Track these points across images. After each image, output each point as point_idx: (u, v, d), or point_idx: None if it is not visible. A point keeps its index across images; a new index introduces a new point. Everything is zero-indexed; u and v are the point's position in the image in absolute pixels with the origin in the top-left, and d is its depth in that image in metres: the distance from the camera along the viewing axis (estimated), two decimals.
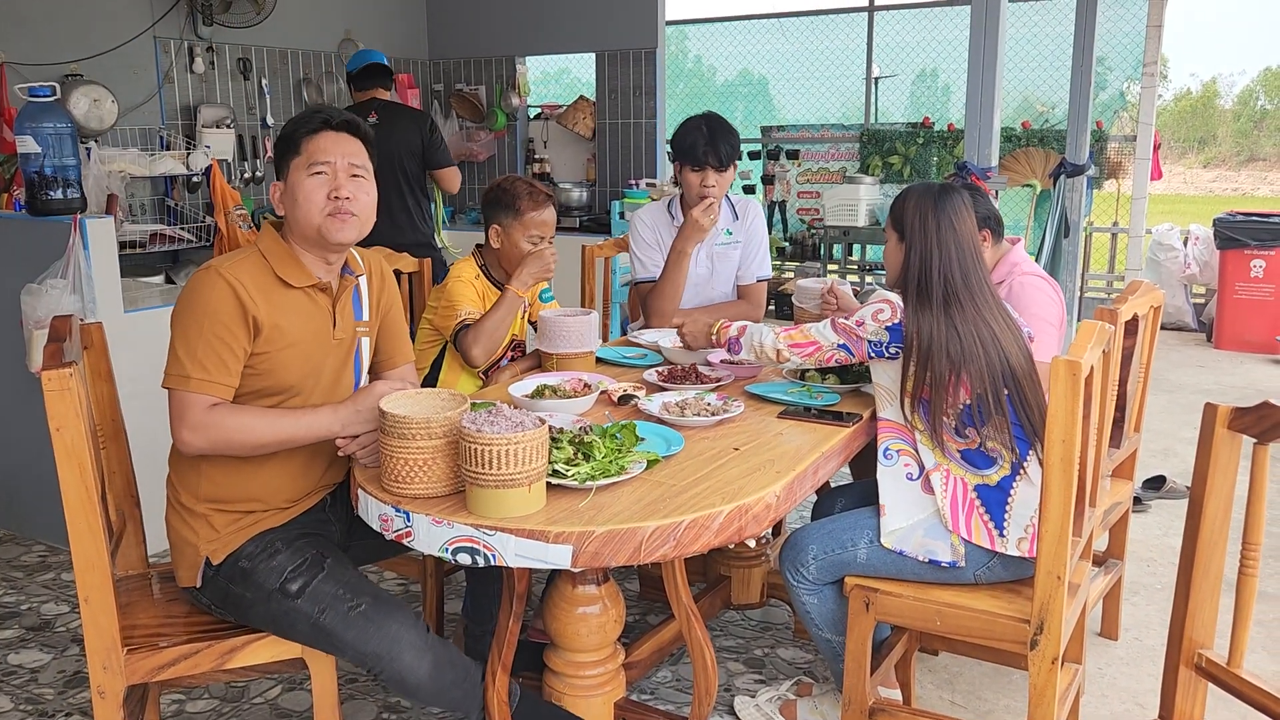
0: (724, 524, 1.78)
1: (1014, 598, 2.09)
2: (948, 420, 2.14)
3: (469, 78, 6.57)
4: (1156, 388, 5.76)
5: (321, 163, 1.96)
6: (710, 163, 3.00)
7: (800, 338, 2.33)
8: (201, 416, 1.84)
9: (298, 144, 1.97)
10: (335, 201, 1.94)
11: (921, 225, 2.24)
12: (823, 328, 2.32)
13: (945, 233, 2.22)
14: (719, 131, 3.02)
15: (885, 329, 2.21)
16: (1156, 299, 2.70)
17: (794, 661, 2.80)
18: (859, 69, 8.64)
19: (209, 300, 1.86)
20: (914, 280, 2.22)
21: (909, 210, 2.28)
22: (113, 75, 4.78)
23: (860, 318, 2.25)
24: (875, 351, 2.23)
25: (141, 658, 1.85)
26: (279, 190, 2.00)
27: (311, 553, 1.93)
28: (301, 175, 1.95)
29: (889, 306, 2.22)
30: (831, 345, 2.29)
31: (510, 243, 2.78)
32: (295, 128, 1.99)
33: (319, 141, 1.97)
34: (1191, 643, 1.72)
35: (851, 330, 2.25)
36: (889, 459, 2.22)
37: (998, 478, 2.12)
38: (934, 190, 2.29)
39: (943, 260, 2.20)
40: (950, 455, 2.14)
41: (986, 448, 2.13)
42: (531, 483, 1.74)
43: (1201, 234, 7.54)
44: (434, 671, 1.86)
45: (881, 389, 2.26)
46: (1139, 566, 3.39)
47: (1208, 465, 1.66)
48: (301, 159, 1.96)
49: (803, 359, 2.34)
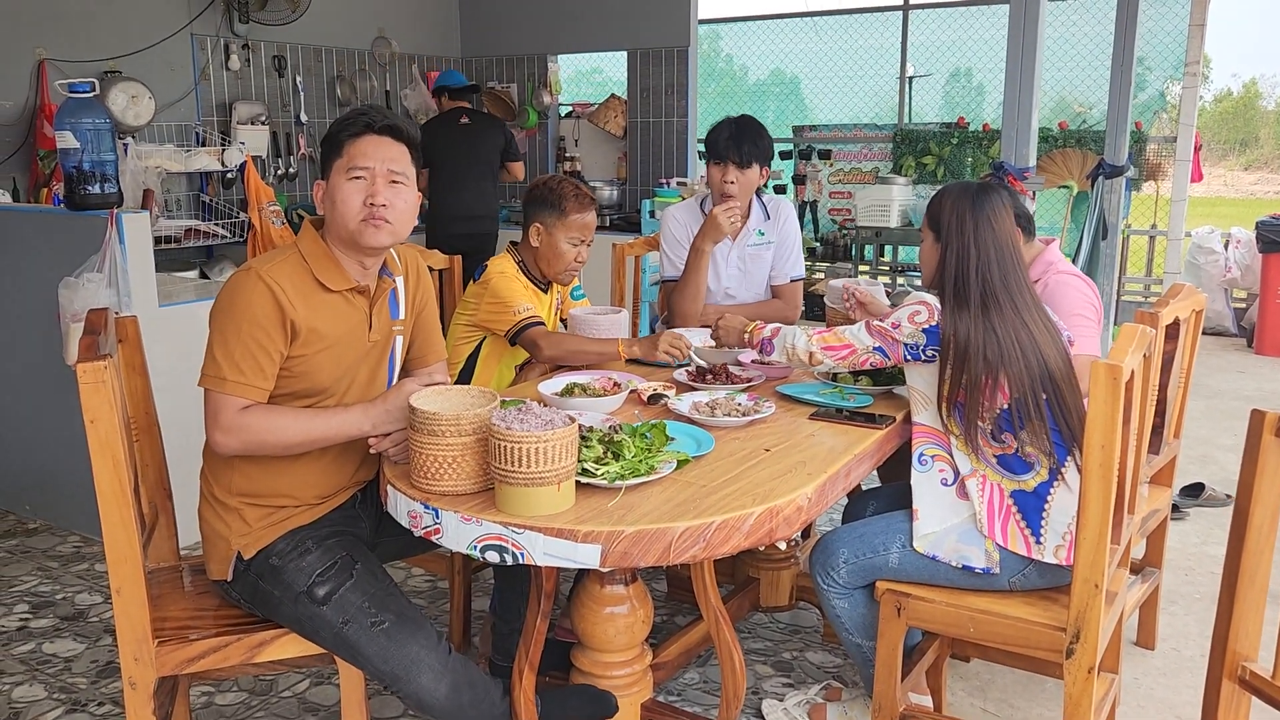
0: (754, 526, 1.76)
1: (1050, 605, 2.05)
2: (984, 425, 2.10)
3: (501, 76, 6.58)
4: (1195, 393, 5.65)
5: (361, 168, 1.93)
6: (731, 158, 3.03)
7: (834, 340, 2.29)
8: (235, 419, 1.84)
9: (340, 145, 1.96)
10: (370, 208, 1.92)
11: (959, 225, 2.20)
12: (857, 330, 2.28)
13: (983, 232, 2.18)
14: (745, 130, 3.05)
15: (922, 331, 2.17)
16: (1198, 302, 2.65)
17: (823, 665, 2.77)
18: (893, 68, 8.56)
19: (248, 302, 1.86)
20: (951, 281, 2.17)
21: (946, 209, 2.24)
22: (150, 72, 4.83)
23: (896, 320, 2.21)
24: (911, 354, 2.19)
25: (172, 650, 1.86)
26: (321, 190, 2.00)
27: (342, 555, 1.93)
28: (340, 178, 1.94)
29: (925, 309, 2.18)
30: (866, 349, 2.25)
31: (550, 242, 2.78)
32: (339, 129, 1.98)
33: (360, 145, 1.95)
34: (1235, 655, 1.68)
35: (886, 333, 2.21)
36: (924, 464, 2.19)
37: (1035, 483, 2.08)
38: (971, 189, 2.25)
39: (980, 260, 2.16)
40: (986, 460, 2.11)
41: (1024, 453, 2.09)
42: (561, 481, 1.73)
43: (1243, 237, 7.40)
44: (451, 693, 1.85)
45: (917, 393, 2.22)
46: (1177, 575, 3.33)
47: (1254, 473, 1.62)
48: (342, 161, 1.95)
49: (836, 362, 2.30)
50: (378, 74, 6.09)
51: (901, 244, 7.63)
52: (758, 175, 3.08)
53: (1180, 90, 6.94)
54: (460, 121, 5.35)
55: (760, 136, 3.04)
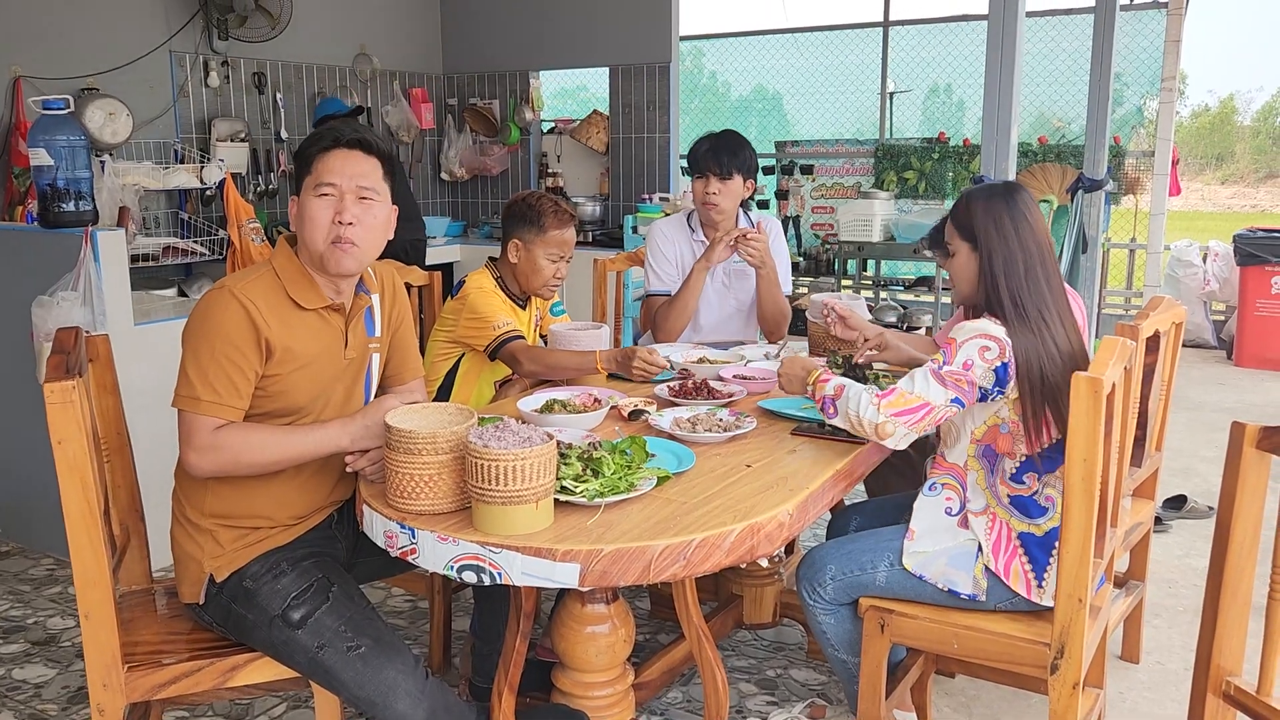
0: (735, 543, 1.74)
1: (1033, 621, 2.04)
2: (1010, 459, 2.05)
3: (482, 92, 6.58)
4: (1176, 406, 5.67)
5: (328, 184, 1.90)
6: (711, 170, 3.05)
7: (903, 403, 2.02)
8: (209, 439, 1.81)
9: (310, 161, 1.93)
10: (337, 227, 1.88)
11: (998, 230, 2.07)
12: (923, 382, 2.02)
13: (1024, 233, 2.07)
14: (724, 142, 3.07)
15: (993, 370, 2.00)
16: (1178, 315, 2.65)
17: (807, 683, 2.74)
18: (874, 84, 8.61)
19: (221, 321, 1.83)
20: (1002, 293, 2.04)
21: (978, 214, 2.10)
22: (128, 89, 4.79)
23: (967, 359, 2.01)
24: (981, 397, 2.03)
25: (142, 675, 1.82)
26: (295, 207, 1.96)
27: (318, 577, 1.90)
28: (310, 195, 1.91)
29: (995, 343, 2.00)
30: (945, 403, 2.01)
31: (530, 258, 2.76)
32: (309, 144, 1.95)
33: (328, 160, 1.91)
34: (1219, 670, 1.67)
35: (961, 378, 2.01)
36: (933, 491, 2.16)
37: (1046, 528, 2.05)
38: (1000, 190, 2.13)
39: (1028, 264, 2.05)
40: (1000, 500, 2.08)
41: (1042, 496, 2.05)
42: (539, 499, 1.71)
43: (1221, 250, 7.46)
44: (429, 719, 1.81)
45: (952, 424, 2.13)
46: (1161, 588, 3.33)
47: (1235, 486, 1.61)
48: (311, 178, 1.92)
49: (911, 429, 2.03)
50: (359, 90, 6.06)
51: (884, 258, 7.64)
52: (741, 186, 3.09)
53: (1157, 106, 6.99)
54: None
55: (740, 148, 3.05)
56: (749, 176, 3.10)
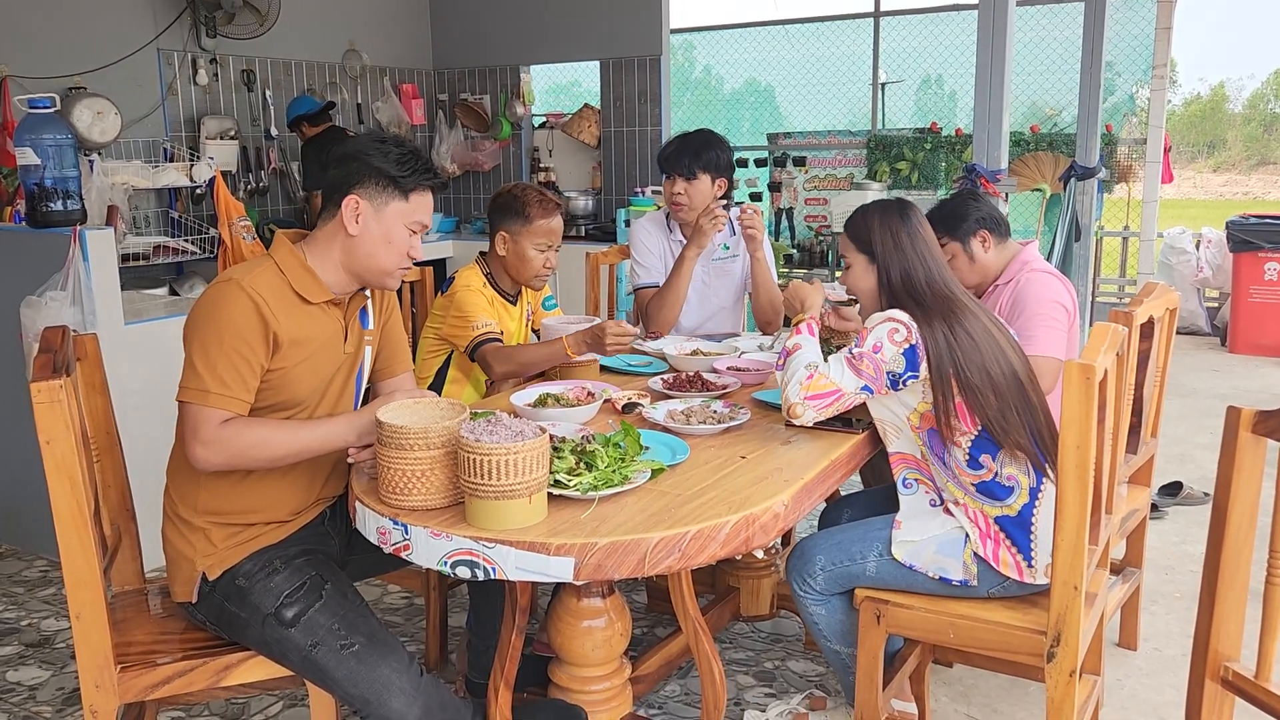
0: (730, 534, 1.73)
1: (1029, 609, 2.04)
2: (959, 449, 2.05)
3: (473, 87, 6.55)
4: (1171, 392, 5.68)
5: (422, 224, 1.97)
6: (677, 170, 3.07)
7: (817, 387, 2.06)
8: (216, 432, 1.79)
9: (406, 190, 1.93)
10: (408, 259, 1.97)
11: (895, 242, 2.15)
12: (838, 369, 2.06)
13: (920, 246, 2.15)
14: (690, 143, 3.08)
15: (902, 354, 2.03)
16: (1172, 301, 2.64)
17: (805, 674, 2.74)
18: (865, 75, 8.60)
19: (231, 314, 1.81)
20: (905, 293, 2.11)
21: (875, 228, 2.18)
22: (116, 88, 4.76)
23: (876, 342, 2.05)
24: (892, 384, 2.05)
25: (134, 676, 1.81)
26: (357, 207, 1.91)
27: (311, 575, 1.88)
28: (400, 223, 1.93)
29: (903, 326, 2.04)
30: (854, 390, 2.05)
31: (518, 250, 2.75)
32: (411, 177, 1.93)
33: (426, 200, 1.98)
34: (1217, 655, 1.66)
35: (871, 362, 2.04)
36: (909, 488, 2.16)
37: (1018, 506, 2.05)
38: (894, 206, 2.22)
39: (927, 272, 2.12)
40: (967, 490, 2.08)
41: (1003, 476, 2.05)
42: (532, 493, 1.69)
43: (1214, 237, 7.46)
44: (423, 717, 1.80)
45: (883, 423, 2.15)
46: (1157, 574, 3.33)
47: (1231, 471, 1.60)
48: (407, 208, 1.93)
49: (819, 413, 2.07)
50: (349, 87, 6.04)
51: None
52: (709, 186, 3.09)
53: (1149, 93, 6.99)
54: (348, 135, 5.39)
55: (707, 148, 3.05)
56: (719, 175, 3.10)
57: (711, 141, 3.11)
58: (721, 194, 3.14)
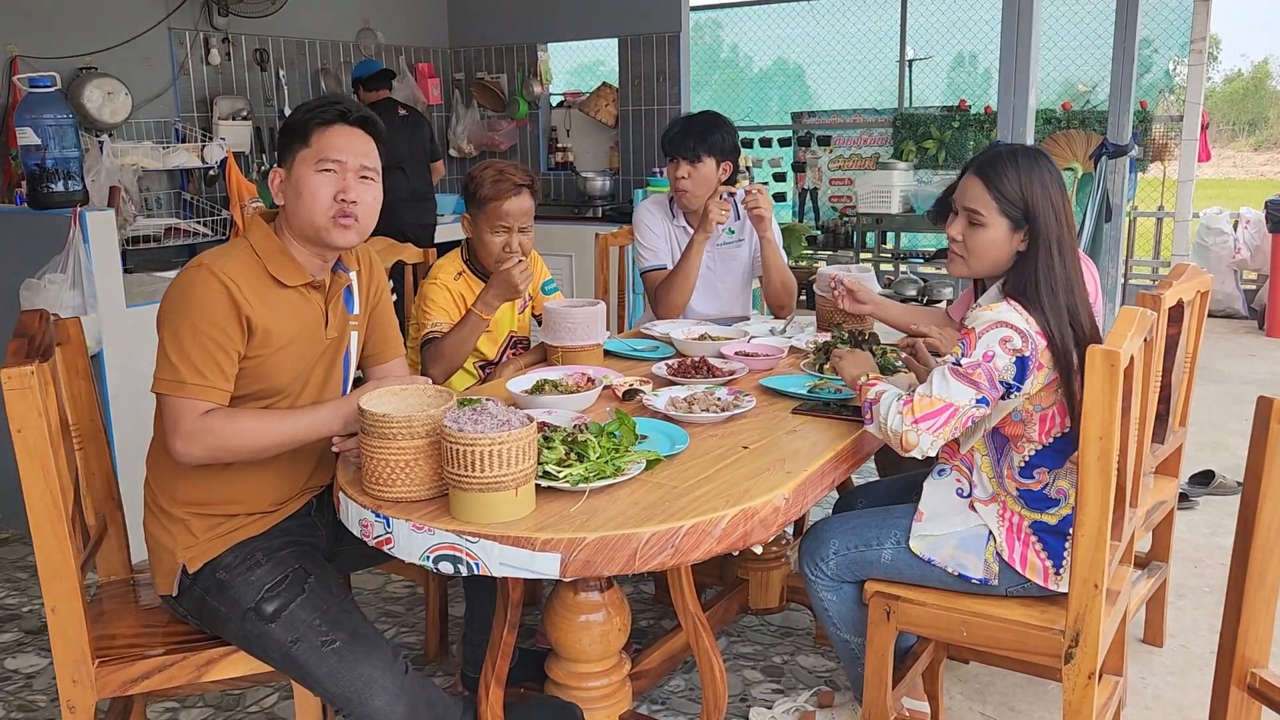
0: (727, 529, 1.65)
1: (1047, 606, 1.94)
2: (1019, 454, 1.94)
3: (490, 66, 6.46)
4: (1204, 378, 5.51)
5: (333, 160, 1.83)
6: (681, 153, 2.98)
7: (924, 408, 1.84)
8: (197, 424, 1.73)
9: (308, 134, 1.83)
10: (341, 204, 1.82)
11: (1055, 211, 1.87)
12: (942, 382, 1.84)
13: (1069, 211, 1.91)
14: (694, 125, 2.99)
15: (1014, 362, 1.83)
16: (1204, 283, 2.52)
17: (814, 669, 2.65)
18: (893, 52, 8.41)
19: (203, 300, 1.75)
20: (1040, 280, 1.86)
21: (1039, 196, 1.87)
22: (127, 68, 4.72)
23: (988, 350, 1.83)
24: (1004, 395, 1.85)
25: (113, 670, 1.75)
26: (279, 178, 1.87)
27: (294, 568, 1.82)
28: (308, 170, 1.83)
29: (1018, 334, 1.83)
30: (969, 403, 1.83)
31: (476, 233, 2.62)
32: (308, 116, 1.84)
33: (331, 136, 1.84)
34: (1244, 660, 1.56)
35: (980, 369, 1.83)
36: (941, 475, 2.05)
37: (1058, 517, 1.94)
38: (1042, 159, 1.92)
39: (1066, 245, 1.88)
40: (1008, 491, 1.97)
41: (1053, 488, 1.93)
42: (518, 486, 1.62)
43: (1252, 217, 7.24)
44: (408, 716, 1.72)
45: None
46: (1185, 568, 3.21)
47: (1262, 463, 1.49)
48: (310, 151, 1.83)
49: (936, 434, 1.84)
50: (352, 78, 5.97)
51: (904, 230, 7.49)
52: (714, 170, 3.00)
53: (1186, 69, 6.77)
54: (399, 112, 5.22)
55: (711, 130, 2.97)
56: (724, 158, 3.01)
57: (717, 123, 3.01)
58: (726, 178, 3.04)
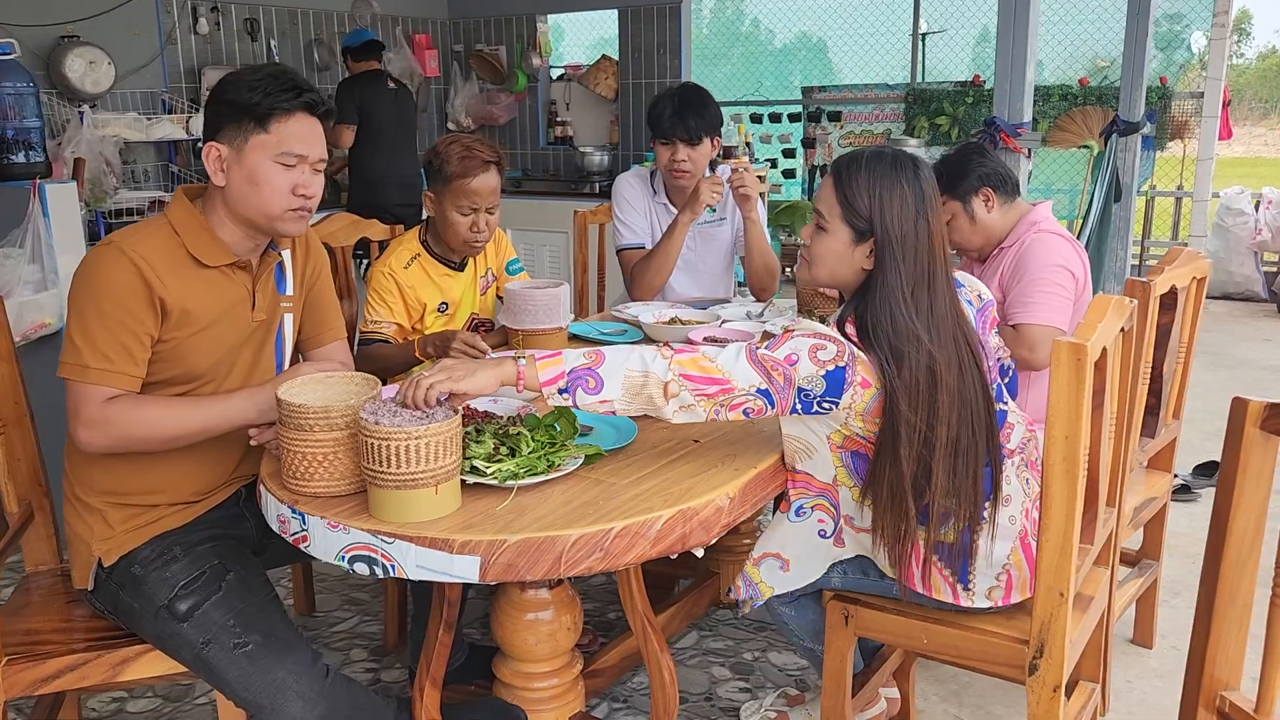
0: (663, 531, 1.55)
1: (1013, 614, 1.82)
2: None
3: (489, 38, 6.33)
4: (1217, 363, 5.35)
5: (295, 155, 1.72)
6: (679, 136, 2.82)
7: (698, 368, 1.61)
8: (99, 411, 1.64)
9: (266, 120, 1.70)
10: (297, 199, 1.73)
11: (912, 239, 1.66)
12: (732, 359, 1.62)
13: (935, 234, 1.68)
14: (690, 102, 2.82)
15: (823, 376, 1.61)
16: (1200, 269, 2.38)
17: (785, 667, 2.55)
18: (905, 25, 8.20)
19: (110, 281, 1.66)
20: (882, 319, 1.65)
21: (885, 202, 1.66)
22: (111, 37, 4.62)
23: (792, 353, 1.61)
24: (803, 405, 1.62)
25: (20, 670, 1.67)
26: (219, 155, 1.72)
27: (213, 564, 1.73)
28: (264, 159, 1.70)
29: (833, 344, 1.62)
30: (747, 389, 1.60)
31: (440, 212, 2.46)
32: (267, 101, 1.69)
33: (294, 127, 1.71)
34: (1213, 681, 1.45)
35: (778, 367, 1.61)
36: (800, 516, 1.82)
37: (954, 533, 1.74)
38: (911, 173, 1.69)
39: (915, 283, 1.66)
40: None
41: (939, 504, 1.70)
42: (439, 483, 1.52)
43: (1275, 197, 7.02)
44: None
45: (794, 440, 1.75)
46: (1182, 563, 3.08)
47: (1235, 472, 1.38)
48: (269, 139, 1.70)
49: (697, 399, 1.61)
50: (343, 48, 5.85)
51: None
52: (709, 149, 2.87)
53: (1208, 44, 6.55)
54: (387, 85, 5.13)
55: (706, 107, 2.83)
56: (716, 135, 2.88)
57: (708, 99, 2.89)
58: (716, 152, 2.92)
